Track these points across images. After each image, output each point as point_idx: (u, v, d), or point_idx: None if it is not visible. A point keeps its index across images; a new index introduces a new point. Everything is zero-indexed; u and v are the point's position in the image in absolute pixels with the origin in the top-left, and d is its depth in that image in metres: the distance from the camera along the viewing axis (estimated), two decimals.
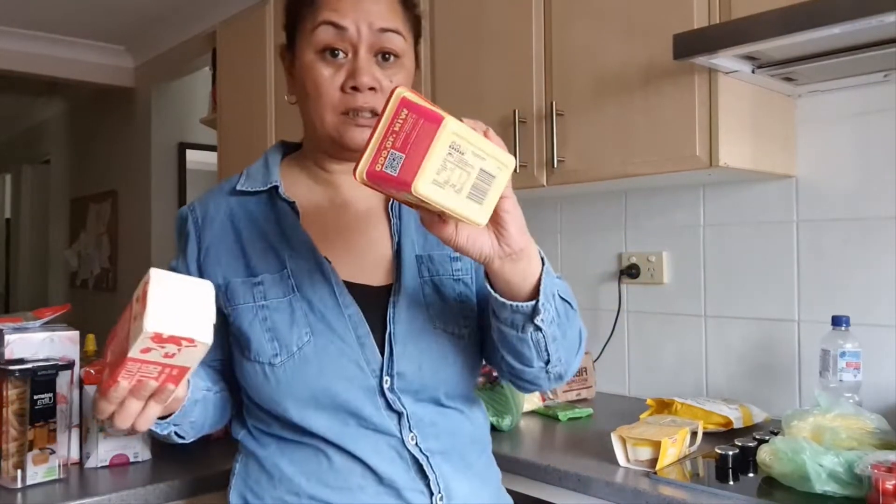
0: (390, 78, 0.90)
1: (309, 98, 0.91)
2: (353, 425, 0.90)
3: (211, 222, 0.96)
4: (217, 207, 0.97)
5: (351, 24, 0.88)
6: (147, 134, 4.49)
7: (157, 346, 0.71)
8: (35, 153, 6.48)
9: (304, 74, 0.91)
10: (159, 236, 4.47)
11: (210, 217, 0.96)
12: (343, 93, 0.88)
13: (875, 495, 1.05)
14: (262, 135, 2.72)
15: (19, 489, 1.20)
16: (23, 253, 6.56)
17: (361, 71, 0.87)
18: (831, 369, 1.42)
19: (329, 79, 0.89)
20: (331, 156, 0.96)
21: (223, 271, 0.93)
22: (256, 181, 0.97)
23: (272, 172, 0.97)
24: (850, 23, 1.15)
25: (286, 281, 0.91)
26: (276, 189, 0.96)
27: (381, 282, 0.95)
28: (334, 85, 0.88)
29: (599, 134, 1.63)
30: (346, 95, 0.88)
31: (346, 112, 0.89)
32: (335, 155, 0.95)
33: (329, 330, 0.90)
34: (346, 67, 0.88)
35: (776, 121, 1.61)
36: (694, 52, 1.34)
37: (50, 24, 4.10)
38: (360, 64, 0.88)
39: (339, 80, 0.88)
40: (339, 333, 0.90)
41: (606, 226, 2.02)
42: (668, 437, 1.28)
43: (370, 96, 0.88)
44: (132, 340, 0.71)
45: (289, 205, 0.95)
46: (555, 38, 1.73)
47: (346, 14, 0.88)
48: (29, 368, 1.21)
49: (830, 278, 1.61)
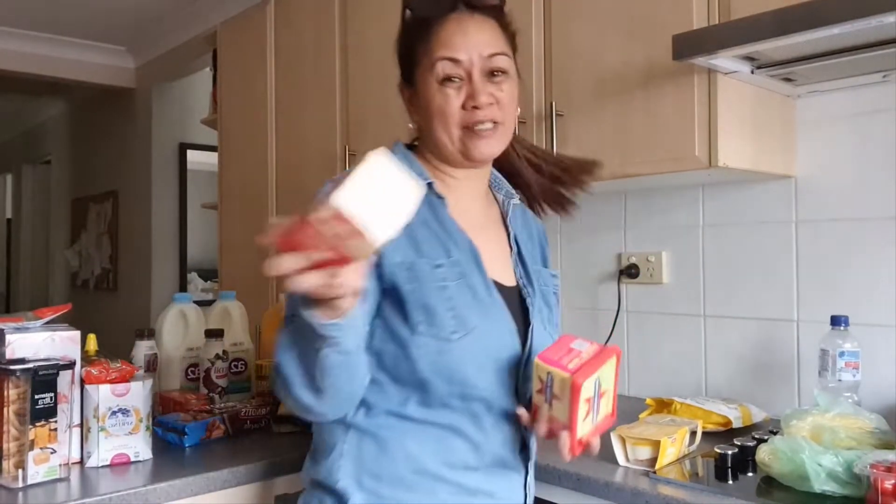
0: (501, 89, 1.04)
1: (435, 119, 1.04)
2: (491, 411, 1.01)
3: None
4: None
5: (465, 56, 1.02)
6: (148, 134, 4.50)
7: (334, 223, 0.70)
8: (36, 153, 6.49)
9: (428, 101, 1.04)
10: (160, 236, 4.48)
11: None
12: (464, 111, 1.03)
13: (874, 495, 1.06)
14: (263, 135, 2.73)
15: (20, 489, 1.20)
16: (24, 253, 6.57)
17: (478, 92, 1.02)
18: (830, 369, 1.43)
19: (453, 100, 1.02)
20: (456, 166, 1.09)
21: (402, 251, 0.99)
22: None
23: (419, 169, 1.08)
24: (850, 23, 1.16)
25: (453, 268, 1.01)
26: (430, 185, 1.06)
27: (510, 282, 1.09)
28: (457, 105, 1.03)
29: (599, 134, 1.64)
30: (468, 113, 1.02)
31: (469, 126, 1.03)
32: (460, 165, 1.08)
33: (490, 318, 1.01)
34: (465, 90, 1.03)
35: (776, 121, 1.61)
36: (693, 53, 1.34)
37: (51, 25, 4.11)
38: (476, 86, 1.02)
39: (460, 101, 1.03)
40: (498, 322, 1.02)
41: (606, 226, 2.03)
42: (668, 437, 1.28)
43: (490, 110, 1.03)
44: None
45: (440, 199, 1.07)
46: (555, 39, 1.73)
47: (459, 49, 1.02)
48: (30, 368, 1.21)
49: (830, 278, 1.61)
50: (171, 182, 4.51)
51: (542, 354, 0.93)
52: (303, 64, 2.53)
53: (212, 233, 3.54)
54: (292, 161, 2.60)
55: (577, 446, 0.93)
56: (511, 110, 1.07)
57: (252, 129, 2.79)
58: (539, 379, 0.93)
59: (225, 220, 3.03)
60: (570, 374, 0.89)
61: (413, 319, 0.98)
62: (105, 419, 1.33)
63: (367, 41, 2.25)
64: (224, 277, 3.04)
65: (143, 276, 4.52)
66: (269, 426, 1.58)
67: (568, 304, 2.07)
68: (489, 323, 1.01)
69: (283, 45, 2.64)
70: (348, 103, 2.31)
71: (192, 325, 1.87)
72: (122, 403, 1.34)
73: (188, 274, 4.59)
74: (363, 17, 2.28)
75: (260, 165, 2.75)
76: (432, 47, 1.04)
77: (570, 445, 0.93)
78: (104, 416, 1.33)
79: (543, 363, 0.92)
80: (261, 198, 2.75)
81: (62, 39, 4.34)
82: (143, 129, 4.55)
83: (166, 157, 4.50)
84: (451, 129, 1.03)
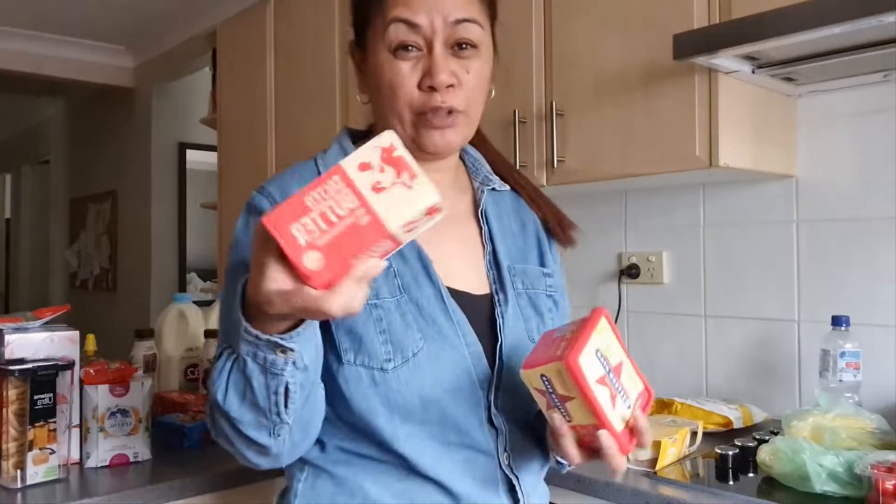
0: (467, 69, 0.84)
1: (384, 98, 0.85)
2: (453, 442, 0.84)
3: None
4: None
5: (424, 20, 0.82)
6: (147, 134, 4.49)
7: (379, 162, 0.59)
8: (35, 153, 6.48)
9: (377, 73, 0.85)
10: (159, 236, 4.47)
11: None
12: (420, 91, 0.83)
13: (875, 495, 1.06)
14: (263, 135, 2.72)
15: (19, 489, 1.20)
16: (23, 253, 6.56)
17: (438, 68, 0.82)
18: (831, 369, 1.42)
19: (406, 76, 0.83)
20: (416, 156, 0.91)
21: None
22: None
23: None
24: (850, 23, 1.16)
25: (392, 280, 0.84)
26: None
27: (480, 289, 0.91)
28: (411, 83, 0.83)
29: (599, 134, 1.63)
30: (424, 94, 0.83)
31: (424, 112, 0.83)
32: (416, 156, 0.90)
33: (440, 337, 0.84)
34: (422, 64, 0.83)
35: (776, 121, 1.61)
36: (694, 53, 1.34)
37: (50, 24, 4.10)
38: (436, 61, 0.82)
39: (415, 78, 0.83)
40: (450, 341, 0.84)
41: (606, 226, 2.02)
42: (668, 437, 1.28)
43: (449, 94, 0.83)
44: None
45: None
46: (555, 38, 1.73)
47: (418, 9, 0.82)
48: (29, 368, 1.21)
49: (830, 278, 1.61)
50: (170, 182, 4.50)
51: (525, 363, 0.76)
52: (303, 63, 2.53)
53: (211, 233, 3.54)
54: (292, 161, 2.58)
55: (624, 442, 0.74)
56: (477, 96, 0.87)
57: (252, 128, 2.79)
58: (537, 391, 0.75)
59: (225, 220, 3.03)
60: (559, 358, 0.70)
61: (340, 346, 0.82)
62: (104, 419, 1.32)
63: None
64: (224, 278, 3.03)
65: (142, 276, 4.51)
66: None
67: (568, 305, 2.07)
68: (438, 344, 0.83)
69: (283, 44, 2.64)
70: (348, 103, 2.31)
71: (192, 325, 1.87)
72: (122, 404, 1.34)
73: (188, 274, 4.58)
74: None
75: (260, 165, 2.75)
76: (387, 3, 0.84)
77: (618, 444, 0.73)
78: (103, 416, 1.32)
79: (531, 369, 0.74)
80: None
81: (61, 39, 4.33)
82: (142, 129, 4.55)
83: (165, 156, 4.49)
84: (402, 112, 0.84)
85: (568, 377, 0.70)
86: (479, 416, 0.84)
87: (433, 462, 0.83)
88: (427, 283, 0.86)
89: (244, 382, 0.71)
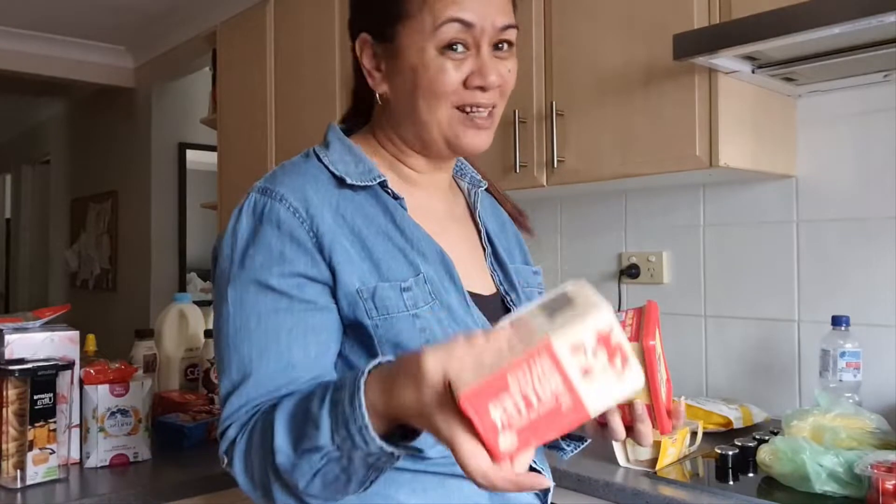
0: (508, 68, 0.86)
1: (421, 93, 0.83)
2: None
3: (320, 215, 0.81)
4: (320, 198, 0.82)
5: (478, 21, 0.82)
6: (147, 134, 4.49)
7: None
8: (35, 153, 6.48)
9: (416, 70, 0.83)
10: (159, 236, 4.47)
11: (316, 208, 0.81)
12: (465, 89, 0.83)
13: (875, 495, 1.06)
14: (262, 135, 2.72)
15: (19, 489, 1.20)
16: (23, 253, 6.56)
17: (489, 70, 0.82)
18: (831, 369, 1.42)
19: (452, 73, 0.82)
20: (429, 156, 0.90)
21: (359, 274, 0.80)
22: (352, 172, 0.85)
23: (367, 163, 0.87)
24: (850, 23, 1.15)
25: (424, 286, 0.82)
26: (383, 184, 0.86)
27: (488, 290, 0.92)
28: (458, 80, 0.82)
29: (599, 134, 1.63)
30: (468, 92, 0.83)
31: (464, 108, 0.83)
32: (435, 156, 0.89)
33: None
34: (469, 63, 0.83)
35: (776, 121, 1.61)
36: (694, 52, 1.34)
37: (50, 24, 4.10)
38: (486, 62, 0.83)
39: (461, 76, 0.82)
40: None
41: (606, 226, 2.02)
42: (668, 437, 1.28)
43: (493, 94, 0.84)
44: None
45: (397, 200, 0.86)
46: (555, 39, 1.73)
47: (473, 10, 0.82)
48: (29, 368, 1.21)
49: (830, 278, 1.61)
50: (170, 182, 4.51)
51: None
52: (303, 64, 2.53)
53: (211, 233, 3.54)
54: None
55: (667, 422, 0.75)
56: (508, 97, 0.89)
57: (252, 128, 2.79)
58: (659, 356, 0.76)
59: (225, 220, 3.02)
60: (636, 339, 0.73)
61: None
62: (104, 419, 1.32)
63: None
64: None
65: (142, 276, 4.51)
66: None
67: None
68: None
69: (282, 44, 2.64)
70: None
71: (192, 326, 1.87)
72: (122, 404, 1.34)
73: (188, 274, 4.58)
74: None
75: (260, 165, 2.75)
76: (438, 2, 0.82)
77: (660, 422, 0.75)
78: (103, 416, 1.32)
79: None
80: None
81: (62, 39, 4.33)
82: (142, 129, 4.55)
83: (166, 156, 4.49)
84: (442, 110, 0.83)
85: (641, 357, 0.72)
86: None
87: None
88: (452, 288, 0.84)
89: (343, 478, 0.67)
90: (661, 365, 0.76)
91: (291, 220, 0.79)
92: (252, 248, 0.80)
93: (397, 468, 0.76)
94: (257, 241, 0.80)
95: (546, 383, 0.53)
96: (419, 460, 0.79)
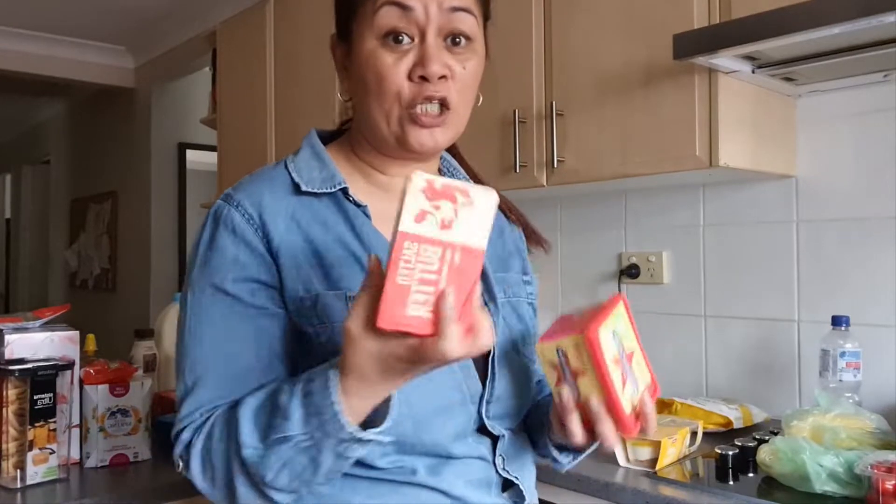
0: (463, 64, 0.80)
1: (369, 91, 0.80)
2: (445, 454, 0.81)
3: (273, 221, 0.80)
4: (276, 204, 0.81)
5: (418, 4, 0.77)
6: (147, 134, 4.49)
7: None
8: (35, 153, 6.48)
9: (363, 65, 0.80)
10: (159, 236, 4.47)
11: (270, 215, 0.81)
12: (410, 82, 0.78)
13: (875, 495, 1.06)
14: (262, 135, 2.72)
15: (19, 489, 1.20)
16: (23, 253, 6.56)
17: (431, 58, 0.76)
18: (831, 369, 1.42)
19: (393, 67, 0.77)
20: (391, 157, 0.86)
21: (304, 282, 0.79)
22: (315, 179, 0.84)
23: (331, 169, 0.85)
24: (850, 23, 1.16)
25: None
26: (344, 191, 0.84)
27: None
28: (400, 74, 0.77)
29: (599, 134, 1.63)
30: (414, 86, 0.78)
31: (413, 105, 0.78)
32: (395, 156, 0.85)
33: None
34: (413, 54, 0.78)
35: (776, 121, 1.61)
36: (694, 52, 1.34)
37: (50, 25, 4.11)
38: (428, 50, 0.77)
39: (404, 69, 0.77)
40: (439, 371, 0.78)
41: (606, 226, 2.02)
42: (668, 437, 1.28)
43: (441, 85, 0.78)
44: None
45: (360, 208, 0.84)
46: (555, 38, 1.73)
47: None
48: (29, 368, 1.21)
49: (830, 278, 1.61)
50: (170, 182, 4.51)
51: (541, 337, 0.75)
52: (303, 64, 2.53)
53: None
54: None
55: (630, 423, 0.73)
56: (469, 94, 0.82)
57: (252, 128, 2.79)
58: (551, 365, 0.74)
59: None
60: (579, 332, 0.70)
61: None
62: (104, 419, 1.33)
63: None
64: None
65: (142, 276, 4.51)
66: None
67: (568, 305, 2.07)
68: None
69: (282, 44, 2.64)
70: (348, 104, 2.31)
71: None
72: (121, 404, 1.34)
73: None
74: None
75: (259, 165, 2.72)
76: None
77: (620, 422, 0.71)
78: (103, 416, 1.32)
79: (546, 342, 0.73)
80: None
81: (62, 39, 4.33)
82: (142, 129, 4.55)
83: (166, 156, 4.49)
84: (390, 107, 0.79)
85: (585, 349, 0.70)
86: (471, 427, 0.83)
87: (428, 473, 0.80)
88: None
89: (310, 468, 0.68)
90: (622, 359, 0.73)
91: (245, 226, 0.79)
92: (209, 252, 0.80)
93: (354, 475, 0.77)
94: (214, 247, 0.80)
95: (427, 258, 0.57)
96: (373, 469, 0.78)
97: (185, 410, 0.77)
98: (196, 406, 0.77)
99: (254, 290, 0.78)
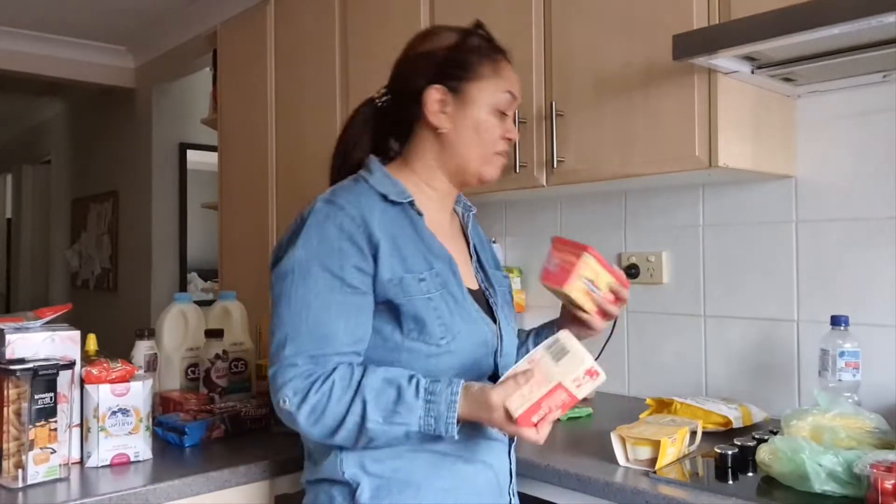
0: None
1: (476, 139, 1.17)
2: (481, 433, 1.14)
3: (372, 222, 1.10)
4: (371, 210, 1.11)
5: (519, 97, 1.21)
6: (148, 134, 4.50)
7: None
8: (36, 153, 6.49)
9: (478, 120, 1.16)
10: (160, 236, 4.48)
11: (369, 216, 1.10)
12: (501, 139, 1.19)
13: (874, 495, 1.06)
14: (263, 135, 2.73)
15: (20, 489, 1.20)
16: (24, 253, 6.57)
17: (514, 130, 1.21)
18: (830, 369, 1.43)
19: (497, 128, 1.18)
20: (455, 183, 1.22)
21: (391, 267, 1.09)
22: (391, 192, 1.15)
23: (400, 187, 1.16)
24: (850, 23, 1.16)
25: (435, 278, 1.12)
26: (412, 203, 1.16)
27: (475, 286, 1.21)
28: (500, 134, 1.18)
29: (599, 134, 1.64)
30: (502, 142, 1.19)
31: (500, 154, 1.20)
32: (461, 183, 1.22)
33: (471, 322, 1.14)
34: (506, 123, 1.19)
35: (776, 121, 1.61)
36: (694, 53, 1.34)
37: (51, 25, 4.11)
38: (511, 124, 1.20)
39: (501, 132, 1.18)
40: (477, 323, 1.15)
41: (606, 226, 2.03)
42: (668, 437, 1.28)
43: None
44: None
45: (420, 216, 1.17)
46: (555, 38, 1.73)
47: (517, 89, 1.20)
48: (30, 368, 1.21)
49: (830, 278, 1.61)
50: (171, 182, 4.51)
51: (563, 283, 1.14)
52: (303, 64, 2.53)
53: (212, 233, 3.54)
54: (292, 161, 2.60)
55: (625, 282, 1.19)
56: None
57: (252, 129, 2.79)
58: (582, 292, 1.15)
59: (225, 220, 3.03)
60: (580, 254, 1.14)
61: (405, 327, 1.09)
62: (105, 419, 1.33)
63: (368, 41, 2.25)
64: (224, 277, 3.04)
65: (143, 276, 4.52)
66: (269, 426, 1.58)
67: None
68: (471, 325, 1.13)
69: (282, 44, 2.64)
70: (348, 104, 2.31)
71: (192, 325, 1.87)
72: (122, 403, 1.34)
73: (188, 274, 4.59)
74: (364, 17, 2.28)
75: (260, 165, 2.75)
76: (502, 77, 1.17)
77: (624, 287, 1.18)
78: (104, 416, 1.33)
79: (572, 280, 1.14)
80: (261, 198, 2.75)
81: (62, 39, 4.34)
82: (142, 129, 4.55)
83: (166, 156, 4.50)
84: (489, 152, 1.18)
85: (593, 260, 1.15)
86: (487, 376, 1.15)
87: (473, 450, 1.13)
88: (454, 282, 1.14)
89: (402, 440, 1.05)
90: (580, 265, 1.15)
91: (350, 223, 1.08)
92: (319, 242, 1.08)
93: (417, 450, 1.08)
94: (324, 238, 1.08)
95: (558, 398, 1.00)
96: (437, 443, 1.08)
97: (286, 352, 1.04)
98: (296, 351, 1.04)
99: (352, 273, 1.07)
